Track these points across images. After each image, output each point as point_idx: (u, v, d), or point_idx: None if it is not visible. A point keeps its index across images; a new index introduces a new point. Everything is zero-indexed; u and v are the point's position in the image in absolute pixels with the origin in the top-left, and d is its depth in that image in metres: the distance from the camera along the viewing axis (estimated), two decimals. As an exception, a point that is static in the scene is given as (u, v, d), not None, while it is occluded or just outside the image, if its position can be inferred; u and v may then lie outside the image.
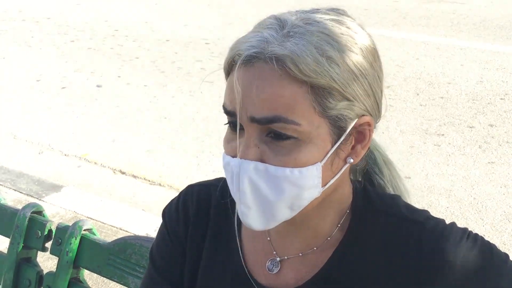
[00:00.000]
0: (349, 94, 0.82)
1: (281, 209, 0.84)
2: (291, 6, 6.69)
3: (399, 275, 0.89)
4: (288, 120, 0.80)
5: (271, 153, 0.82)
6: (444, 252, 0.88)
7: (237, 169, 0.83)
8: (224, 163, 0.88)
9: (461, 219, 3.16)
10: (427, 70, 5.51)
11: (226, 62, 0.86)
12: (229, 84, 0.84)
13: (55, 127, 4.57)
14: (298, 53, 0.79)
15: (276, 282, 0.96)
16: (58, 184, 3.63)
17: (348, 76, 0.82)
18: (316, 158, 0.83)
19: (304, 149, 0.82)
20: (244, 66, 0.81)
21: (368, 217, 0.93)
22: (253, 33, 0.84)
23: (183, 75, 5.61)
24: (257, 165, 0.82)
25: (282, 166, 0.81)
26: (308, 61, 0.79)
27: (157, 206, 3.31)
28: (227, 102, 0.84)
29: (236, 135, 0.85)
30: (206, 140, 4.24)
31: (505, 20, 7.05)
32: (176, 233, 1.05)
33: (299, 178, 0.82)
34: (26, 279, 1.56)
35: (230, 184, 0.87)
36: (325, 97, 0.81)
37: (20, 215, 1.57)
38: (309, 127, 0.81)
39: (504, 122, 4.38)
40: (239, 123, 0.82)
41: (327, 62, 0.80)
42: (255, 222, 0.86)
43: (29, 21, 7.72)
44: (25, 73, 5.77)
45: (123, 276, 1.42)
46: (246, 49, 0.81)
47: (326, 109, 0.81)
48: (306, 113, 0.80)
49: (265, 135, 0.82)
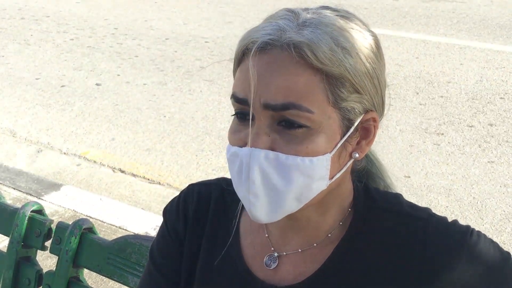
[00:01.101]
0: (359, 86, 0.84)
1: (289, 200, 0.84)
2: (291, 4, 6.70)
3: (402, 272, 0.89)
4: (302, 107, 0.80)
5: (283, 142, 0.82)
6: (448, 248, 0.88)
7: (247, 158, 0.82)
8: (230, 154, 0.87)
9: (460, 218, 3.16)
10: (426, 69, 5.51)
11: (238, 50, 0.86)
12: (242, 72, 0.84)
13: (55, 125, 4.57)
14: (315, 41, 0.80)
15: (274, 277, 0.96)
16: (57, 183, 3.63)
17: (360, 69, 0.83)
18: (326, 149, 0.83)
19: (315, 139, 0.82)
20: (259, 53, 0.81)
21: (370, 215, 0.94)
22: (266, 23, 0.85)
23: (183, 73, 5.60)
24: (267, 153, 0.82)
25: (293, 154, 0.81)
26: (325, 49, 0.80)
27: (157, 205, 3.31)
28: (238, 90, 0.84)
29: (243, 126, 0.85)
30: (206, 139, 4.24)
31: (505, 19, 7.05)
32: (176, 231, 1.06)
33: (310, 168, 0.82)
34: (25, 278, 1.56)
35: (237, 174, 0.85)
36: (338, 87, 0.82)
37: (20, 214, 1.57)
38: (321, 117, 0.81)
39: (503, 122, 4.38)
40: (252, 111, 0.82)
41: (342, 52, 0.81)
42: (262, 213, 0.85)
43: (29, 19, 7.71)
44: (24, 71, 5.77)
45: (122, 275, 1.42)
46: (261, 36, 0.82)
47: (338, 100, 0.82)
48: (320, 102, 0.81)
49: (276, 124, 0.82)
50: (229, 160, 0.87)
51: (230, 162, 0.87)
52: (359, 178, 0.99)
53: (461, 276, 0.87)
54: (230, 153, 0.87)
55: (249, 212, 0.86)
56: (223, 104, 4.79)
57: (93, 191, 3.57)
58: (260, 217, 0.86)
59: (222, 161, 3.90)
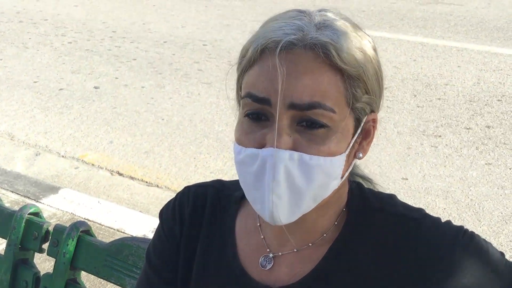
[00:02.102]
0: (370, 88, 0.86)
1: (307, 200, 0.85)
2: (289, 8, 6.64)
3: (396, 272, 0.90)
4: (326, 107, 0.81)
5: (304, 142, 0.82)
6: (441, 248, 0.88)
7: (271, 159, 0.81)
8: (245, 155, 0.85)
9: (458, 220, 3.17)
10: (424, 71, 5.52)
11: (254, 49, 0.84)
12: (261, 71, 0.83)
13: (53, 128, 4.57)
14: (338, 41, 0.81)
15: (269, 278, 0.96)
16: (55, 186, 3.63)
17: (372, 70, 0.85)
18: (342, 148, 0.85)
19: (334, 139, 0.83)
20: (281, 53, 0.81)
21: (365, 215, 0.94)
22: (280, 23, 0.85)
23: (181, 76, 5.60)
24: (292, 154, 0.82)
25: (316, 154, 0.82)
26: (347, 49, 0.82)
27: (155, 208, 3.31)
28: (258, 89, 0.83)
29: (258, 126, 0.85)
30: (204, 142, 4.24)
31: (502, 22, 7.06)
32: (172, 232, 1.06)
33: (330, 168, 0.84)
34: (23, 280, 1.56)
35: (255, 176, 0.84)
36: (355, 88, 0.83)
37: (17, 217, 1.57)
38: (340, 116, 0.83)
39: (501, 124, 4.39)
40: (278, 111, 0.81)
41: (360, 54, 0.83)
42: (283, 214, 0.85)
43: (27, 22, 7.71)
44: (22, 74, 5.77)
45: (120, 277, 1.42)
46: (283, 35, 0.82)
47: (354, 100, 0.84)
48: (340, 102, 0.82)
49: (296, 124, 0.82)
50: (242, 162, 0.86)
51: (243, 164, 0.86)
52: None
53: (454, 275, 0.88)
54: (245, 154, 0.85)
55: (270, 213, 0.84)
56: (221, 107, 4.80)
57: (91, 194, 3.57)
58: (282, 218, 0.85)
59: (220, 163, 3.90)
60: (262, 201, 0.85)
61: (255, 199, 0.86)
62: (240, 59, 0.88)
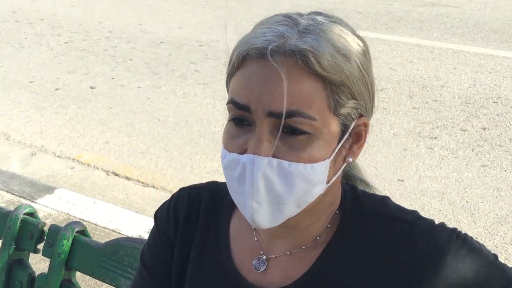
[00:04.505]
0: (356, 93, 0.85)
1: (289, 206, 0.85)
2: (285, 9, 6.69)
3: (389, 274, 0.90)
4: (305, 115, 0.80)
5: (284, 148, 0.82)
6: (434, 250, 0.88)
7: (250, 166, 0.82)
8: (228, 160, 0.86)
9: (453, 222, 3.17)
10: (420, 73, 5.53)
11: (237, 56, 0.84)
12: (242, 78, 0.83)
13: (48, 128, 4.56)
14: (319, 48, 0.80)
15: (263, 280, 0.96)
16: (51, 186, 3.62)
17: (357, 75, 0.84)
18: (325, 155, 0.84)
19: (316, 145, 0.83)
20: (261, 60, 0.81)
21: (357, 218, 0.94)
22: (264, 28, 0.84)
23: (177, 77, 5.60)
24: (271, 160, 0.82)
25: (296, 161, 0.82)
26: (328, 56, 0.80)
27: (151, 208, 3.31)
28: (239, 96, 0.83)
29: (241, 131, 0.85)
30: (200, 142, 4.24)
31: (498, 24, 7.08)
32: (166, 234, 1.06)
33: (311, 174, 0.83)
34: (17, 280, 1.56)
35: (237, 181, 0.85)
36: (338, 94, 0.83)
37: (12, 217, 1.57)
38: (322, 123, 0.82)
39: (497, 126, 4.40)
40: (257, 118, 0.81)
41: (342, 60, 0.82)
42: (264, 219, 0.85)
43: (23, 22, 7.70)
44: (18, 74, 5.76)
45: (115, 278, 1.42)
46: (263, 42, 0.81)
47: (338, 106, 0.83)
48: (321, 109, 0.82)
49: (277, 130, 0.82)
50: (226, 166, 0.87)
51: (228, 168, 0.86)
52: (346, 181, 1.00)
53: (447, 277, 0.88)
54: (228, 159, 0.86)
55: (251, 218, 0.86)
56: (217, 108, 4.80)
57: (87, 194, 3.56)
58: (262, 223, 0.86)
59: (216, 164, 3.90)
60: (244, 205, 0.85)
61: (239, 202, 0.87)
62: (228, 63, 0.88)
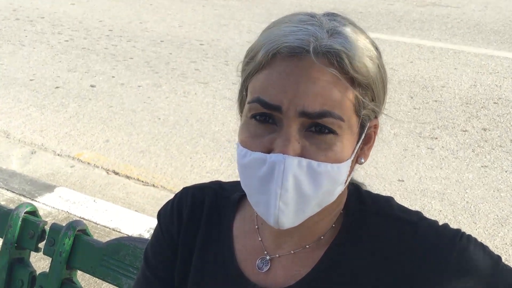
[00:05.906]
0: (376, 96, 0.86)
1: (312, 205, 0.85)
2: (286, 8, 6.66)
3: (393, 275, 0.90)
4: (336, 115, 0.81)
5: (312, 148, 0.82)
6: (437, 251, 0.88)
7: (280, 165, 0.81)
8: (251, 159, 0.84)
9: (454, 222, 3.17)
10: (421, 73, 5.53)
11: (266, 54, 0.82)
12: (271, 76, 0.82)
13: (49, 126, 4.56)
14: (351, 49, 0.81)
15: (266, 280, 0.96)
16: (51, 184, 3.62)
17: (379, 78, 0.85)
18: (348, 155, 0.85)
19: (341, 145, 0.83)
20: (293, 59, 0.80)
21: (361, 218, 0.94)
22: (292, 27, 0.83)
23: (177, 76, 5.60)
24: (301, 161, 0.81)
25: (324, 161, 0.82)
26: (359, 58, 0.81)
27: (151, 207, 3.30)
28: (268, 95, 0.82)
29: (265, 130, 0.84)
30: (200, 141, 4.24)
31: (499, 24, 7.08)
32: (170, 233, 1.06)
33: (337, 174, 0.84)
34: (18, 279, 1.56)
35: (261, 180, 0.83)
36: (363, 96, 0.83)
37: (13, 215, 1.56)
38: (348, 124, 0.83)
39: (497, 126, 4.40)
40: (289, 118, 0.81)
41: (369, 62, 0.83)
42: (288, 219, 0.84)
43: (23, 20, 7.69)
44: (19, 72, 5.75)
45: (116, 277, 1.42)
46: (296, 41, 0.80)
47: (361, 108, 0.84)
48: (348, 110, 0.82)
49: (305, 130, 0.82)
50: (246, 165, 0.85)
51: (248, 167, 0.85)
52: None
53: (451, 279, 0.88)
54: (251, 158, 0.84)
55: (275, 218, 0.84)
56: (217, 107, 4.79)
57: (87, 193, 3.56)
58: (286, 223, 0.85)
59: (216, 163, 3.90)
60: (267, 206, 0.84)
61: (259, 202, 0.85)
62: (248, 60, 0.86)
